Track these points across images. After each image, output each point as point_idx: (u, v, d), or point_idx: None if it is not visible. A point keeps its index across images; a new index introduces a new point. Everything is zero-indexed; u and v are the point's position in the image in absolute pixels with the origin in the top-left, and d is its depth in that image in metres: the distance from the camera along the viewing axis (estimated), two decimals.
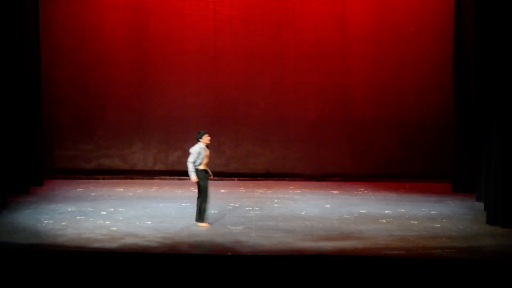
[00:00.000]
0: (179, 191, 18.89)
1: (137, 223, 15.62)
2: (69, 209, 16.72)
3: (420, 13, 20.09)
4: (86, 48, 20.28)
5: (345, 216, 16.48)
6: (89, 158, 20.50)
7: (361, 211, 16.93)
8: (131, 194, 18.58)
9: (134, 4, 20.31)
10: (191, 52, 20.35)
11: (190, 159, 15.34)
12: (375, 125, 20.33)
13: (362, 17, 20.18)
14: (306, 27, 20.24)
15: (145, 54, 20.40)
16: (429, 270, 12.80)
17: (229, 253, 13.59)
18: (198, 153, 15.34)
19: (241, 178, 20.28)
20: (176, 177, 20.31)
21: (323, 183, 20.00)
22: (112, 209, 16.78)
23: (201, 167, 15.36)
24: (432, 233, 15.12)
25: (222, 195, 18.49)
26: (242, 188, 19.41)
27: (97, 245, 13.97)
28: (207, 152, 15.46)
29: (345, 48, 20.30)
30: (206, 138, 15.46)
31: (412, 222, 16.02)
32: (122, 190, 18.93)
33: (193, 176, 15.31)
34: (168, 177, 20.41)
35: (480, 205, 17.08)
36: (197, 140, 15.46)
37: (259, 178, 20.41)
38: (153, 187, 19.36)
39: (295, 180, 20.18)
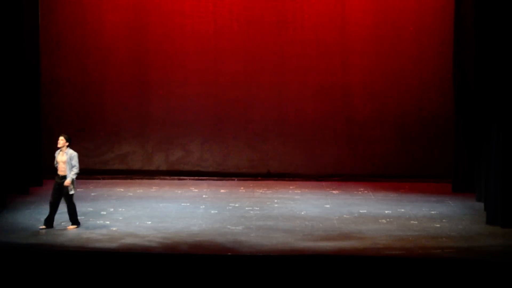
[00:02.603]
0: (179, 191, 18.88)
1: (137, 223, 15.62)
2: None
3: (420, 13, 20.06)
4: (86, 48, 20.26)
5: (345, 216, 16.48)
6: (89, 158, 20.46)
7: (361, 211, 16.93)
8: (131, 194, 18.58)
9: (134, 4, 20.29)
10: (191, 52, 20.33)
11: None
12: (375, 125, 20.32)
13: (362, 17, 20.16)
14: (306, 27, 20.23)
15: (145, 54, 20.38)
16: (429, 270, 12.81)
17: (229, 253, 13.59)
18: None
19: (241, 178, 20.26)
20: (176, 177, 20.30)
21: (323, 183, 19.98)
22: (112, 209, 16.78)
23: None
24: (432, 233, 15.12)
25: (222, 195, 18.49)
26: (242, 188, 19.40)
27: (97, 245, 13.97)
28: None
29: (345, 48, 20.28)
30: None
31: (412, 222, 16.03)
32: (122, 190, 18.93)
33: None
34: (168, 177, 20.40)
35: (480, 205, 17.07)
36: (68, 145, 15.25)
37: (259, 178, 20.40)
38: (153, 187, 19.35)
39: (295, 180, 20.16)
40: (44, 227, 15.16)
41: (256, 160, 20.53)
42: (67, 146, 15.24)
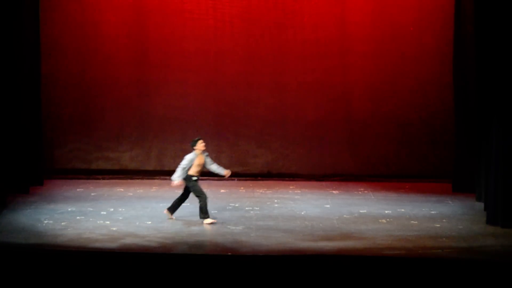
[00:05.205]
0: (179, 191, 18.85)
1: (137, 223, 15.62)
2: (69, 209, 16.73)
3: (420, 13, 20.08)
4: (86, 48, 20.27)
5: (345, 216, 16.48)
6: (89, 158, 20.50)
7: (361, 211, 16.93)
8: (131, 194, 18.58)
9: (134, 4, 20.30)
10: (191, 52, 20.34)
11: (182, 164, 15.59)
12: (375, 125, 20.33)
13: (362, 17, 20.18)
14: (306, 27, 20.24)
15: (145, 54, 20.40)
16: (429, 270, 12.81)
17: (229, 253, 13.59)
18: (190, 160, 15.54)
19: (241, 178, 20.25)
20: None
21: (323, 183, 19.99)
22: (112, 209, 16.78)
23: (190, 173, 15.63)
24: (432, 233, 15.12)
25: (222, 195, 18.49)
26: (242, 188, 19.40)
27: (97, 245, 13.97)
28: (200, 160, 15.56)
29: (345, 48, 20.29)
30: (200, 145, 15.55)
31: (412, 222, 16.02)
32: (122, 190, 18.94)
33: (176, 181, 15.66)
34: (168, 177, 20.28)
35: (480, 205, 17.07)
36: (192, 148, 15.60)
37: (259, 178, 20.40)
38: (153, 187, 19.36)
39: (295, 180, 20.17)
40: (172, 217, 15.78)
41: (256, 160, 20.53)
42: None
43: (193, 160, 15.64)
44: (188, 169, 15.68)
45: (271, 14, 20.25)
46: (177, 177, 15.69)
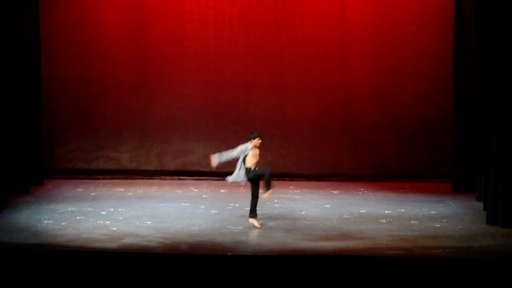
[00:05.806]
0: (179, 191, 18.89)
1: (137, 223, 15.61)
2: (69, 209, 16.72)
3: (420, 13, 20.08)
4: (86, 47, 20.26)
5: (345, 216, 16.48)
6: (89, 158, 20.49)
7: (361, 211, 16.93)
8: (131, 194, 18.58)
9: (134, 4, 20.29)
10: (191, 52, 20.33)
11: (232, 150, 15.27)
12: (375, 125, 20.32)
13: (362, 17, 20.17)
14: (306, 27, 20.24)
15: (145, 54, 20.39)
16: (429, 270, 12.81)
17: (229, 253, 13.59)
18: (240, 151, 15.21)
19: None
20: (176, 177, 20.31)
21: (323, 183, 19.99)
22: (112, 209, 16.77)
23: (248, 165, 15.23)
24: (432, 233, 15.12)
25: (222, 195, 18.49)
26: (242, 188, 19.33)
27: (97, 245, 13.97)
28: (255, 151, 15.24)
29: (345, 48, 20.29)
30: (256, 141, 15.23)
31: (412, 222, 16.02)
32: (122, 190, 18.93)
33: (214, 162, 15.27)
34: (168, 177, 20.41)
35: (480, 205, 17.08)
36: (249, 139, 15.30)
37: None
38: (153, 187, 19.36)
39: (295, 180, 20.17)
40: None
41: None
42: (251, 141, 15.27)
43: (244, 151, 15.22)
44: (233, 159, 15.25)
45: (271, 14, 20.24)
46: (217, 158, 15.30)
